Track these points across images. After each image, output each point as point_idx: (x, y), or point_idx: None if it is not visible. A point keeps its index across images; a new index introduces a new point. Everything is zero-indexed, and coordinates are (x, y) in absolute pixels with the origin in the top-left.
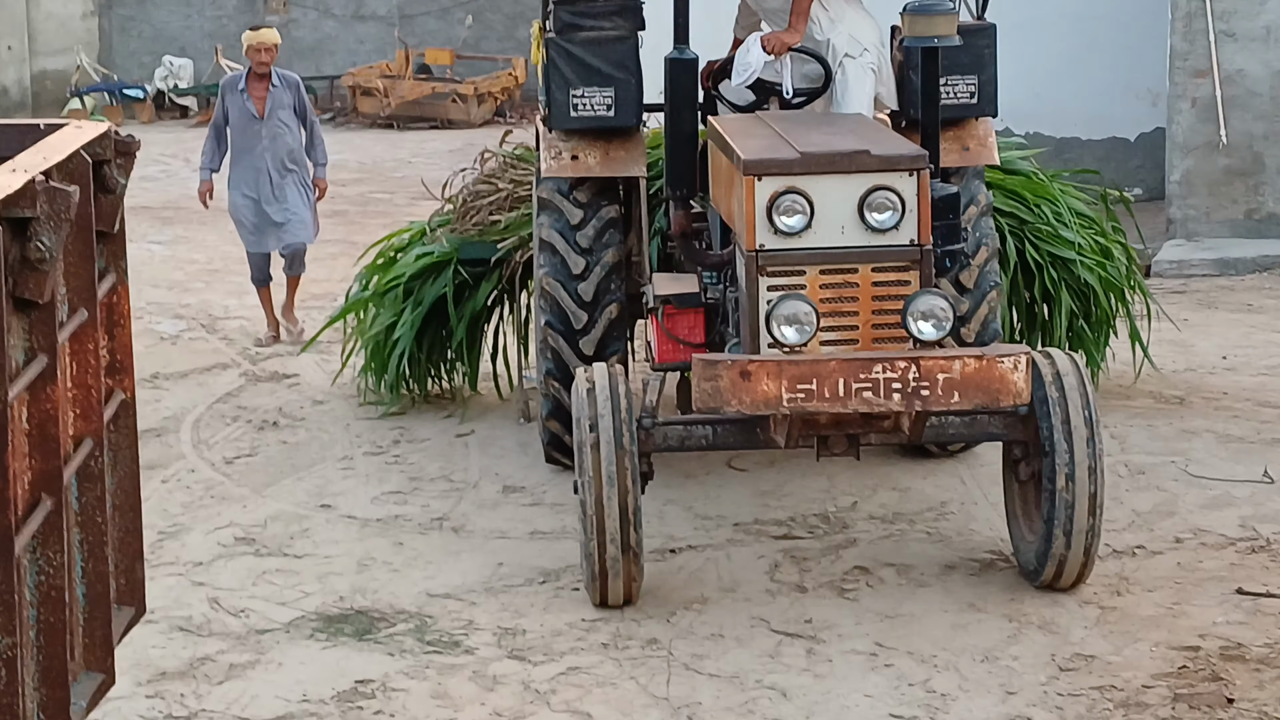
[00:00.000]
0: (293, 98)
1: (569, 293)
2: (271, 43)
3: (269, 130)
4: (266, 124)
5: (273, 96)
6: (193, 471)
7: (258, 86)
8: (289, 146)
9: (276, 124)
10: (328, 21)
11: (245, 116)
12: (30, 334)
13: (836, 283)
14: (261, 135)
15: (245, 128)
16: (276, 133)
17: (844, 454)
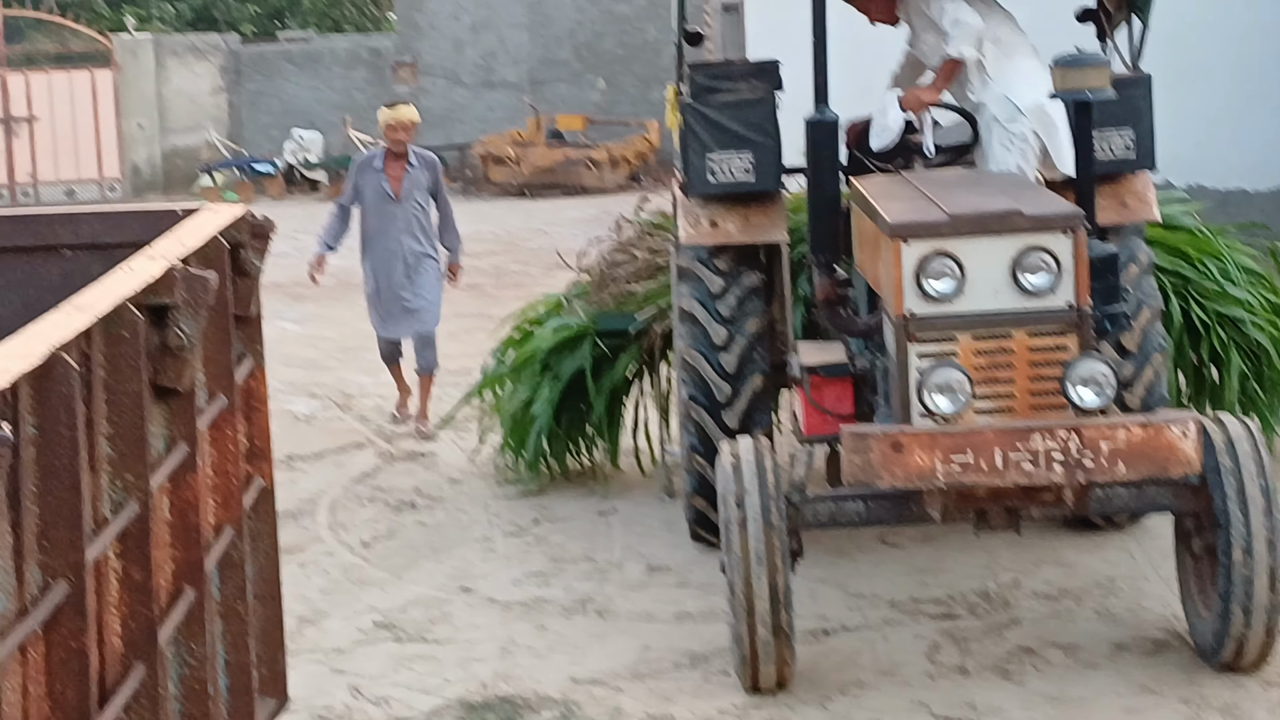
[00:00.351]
0: (429, 178)
1: (711, 364)
2: (409, 121)
3: (404, 212)
4: (402, 205)
5: (409, 177)
6: (330, 555)
7: (394, 166)
8: (424, 229)
9: (413, 205)
10: (458, 90)
11: (380, 197)
12: (170, 423)
13: (990, 349)
14: (397, 217)
15: (380, 209)
16: (412, 215)
17: (1004, 528)
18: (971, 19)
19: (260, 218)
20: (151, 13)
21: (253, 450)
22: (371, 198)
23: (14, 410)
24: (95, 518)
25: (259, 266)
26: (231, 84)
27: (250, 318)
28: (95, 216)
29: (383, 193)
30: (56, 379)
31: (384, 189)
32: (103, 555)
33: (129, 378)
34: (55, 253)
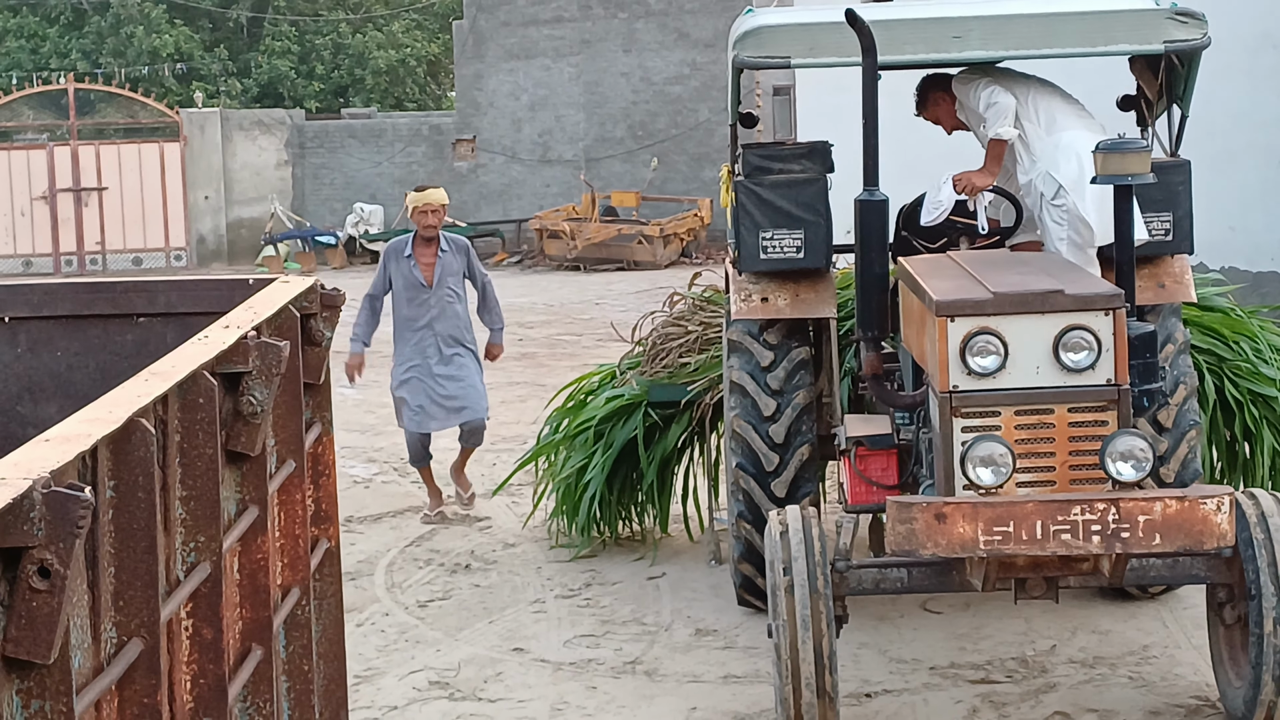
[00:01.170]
0: (462, 263)
1: (760, 434)
2: (439, 204)
3: (438, 299)
4: (435, 293)
5: (441, 263)
6: (387, 615)
7: (425, 252)
8: (458, 316)
9: (446, 293)
10: (515, 166)
11: (412, 285)
12: (242, 486)
13: (1032, 423)
14: (430, 305)
15: (412, 297)
16: (446, 302)
17: (1042, 596)
18: (1004, 99)
19: (330, 288)
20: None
21: (319, 513)
22: (403, 287)
23: (93, 473)
24: (169, 578)
25: (329, 336)
26: (296, 158)
27: (319, 385)
28: (169, 285)
29: (415, 281)
30: (134, 443)
31: (415, 277)
32: (176, 615)
33: (203, 442)
34: (130, 320)
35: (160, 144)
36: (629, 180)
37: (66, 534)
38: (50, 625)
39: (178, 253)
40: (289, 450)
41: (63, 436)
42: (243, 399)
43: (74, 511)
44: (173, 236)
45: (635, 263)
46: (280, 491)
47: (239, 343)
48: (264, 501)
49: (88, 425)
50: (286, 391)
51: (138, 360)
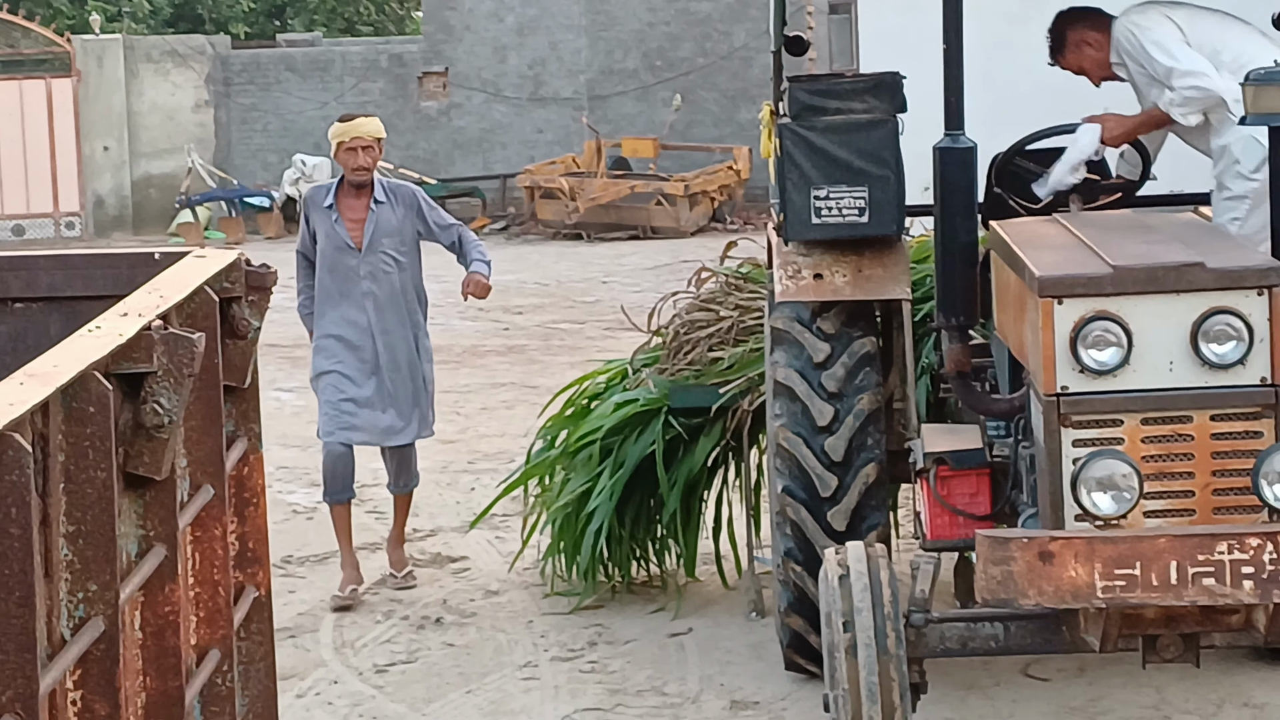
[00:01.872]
0: (408, 219)
1: (813, 450)
2: (371, 137)
3: (370, 268)
4: (366, 259)
5: (375, 218)
6: (335, 683)
7: (353, 204)
8: (399, 292)
9: (382, 259)
10: (498, 106)
11: (335, 246)
12: (145, 519)
13: (1164, 435)
14: (359, 275)
15: (336, 263)
16: (381, 272)
17: (1178, 659)
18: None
19: (258, 265)
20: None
21: (245, 554)
22: (326, 247)
23: None
24: (51, 638)
25: (256, 326)
26: (219, 97)
27: (245, 390)
28: (53, 261)
29: (338, 241)
30: (6, 465)
31: (339, 236)
32: (59, 684)
33: (96, 463)
34: (3, 306)
35: (47, 80)
36: (644, 124)
37: None
38: None
39: (69, 219)
40: (205, 473)
41: None
42: (146, 407)
43: None
44: (63, 199)
45: (653, 229)
46: (195, 526)
47: (141, 335)
48: (173, 539)
49: None
50: (202, 397)
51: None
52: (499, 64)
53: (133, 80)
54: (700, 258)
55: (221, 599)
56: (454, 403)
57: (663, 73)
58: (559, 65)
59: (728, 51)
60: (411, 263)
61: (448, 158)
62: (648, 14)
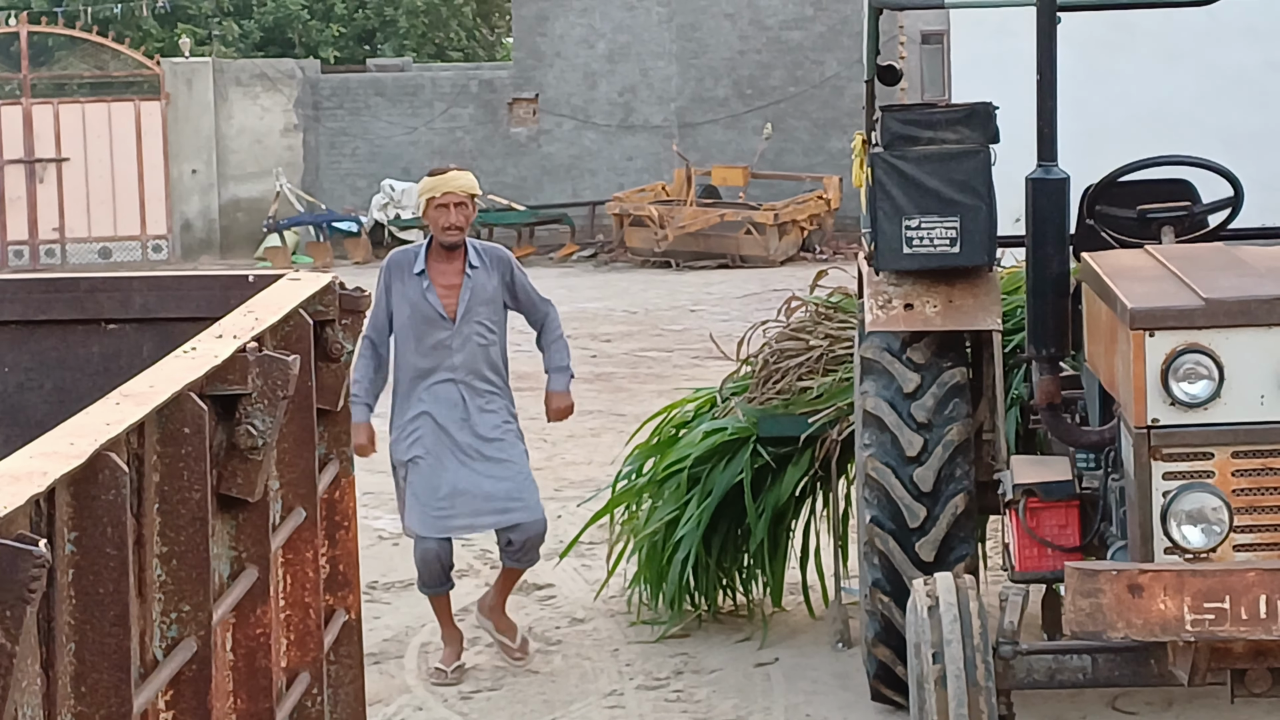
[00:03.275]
0: (500, 285)
1: (902, 480)
2: (465, 193)
3: (463, 341)
4: (460, 330)
5: (470, 285)
6: (421, 709)
7: (445, 269)
8: (494, 365)
9: (476, 331)
10: (588, 133)
11: (425, 318)
12: (238, 541)
13: (1255, 469)
14: (451, 349)
15: (424, 336)
16: (476, 344)
17: (1267, 694)
18: None
19: (352, 288)
20: (211, 32)
21: (336, 577)
22: (410, 320)
23: (49, 522)
24: (144, 658)
25: (349, 349)
26: (308, 121)
27: (337, 413)
28: (146, 282)
29: (429, 313)
30: (102, 484)
31: (430, 306)
32: (152, 705)
33: (190, 484)
34: (97, 327)
35: (136, 103)
36: (734, 152)
37: (14, 600)
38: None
39: (156, 242)
40: (298, 496)
41: (10, 475)
42: (240, 429)
43: (24, 572)
44: (150, 221)
45: (742, 258)
46: (286, 548)
47: (236, 356)
48: (265, 561)
49: (42, 461)
50: (295, 420)
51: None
52: (589, 90)
53: (221, 104)
54: (789, 287)
55: (312, 622)
56: (541, 430)
57: (753, 101)
58: (649, 92)
59: (819, 80)
60: (502, 334)
61: (536, 184)
62: (739, 42)
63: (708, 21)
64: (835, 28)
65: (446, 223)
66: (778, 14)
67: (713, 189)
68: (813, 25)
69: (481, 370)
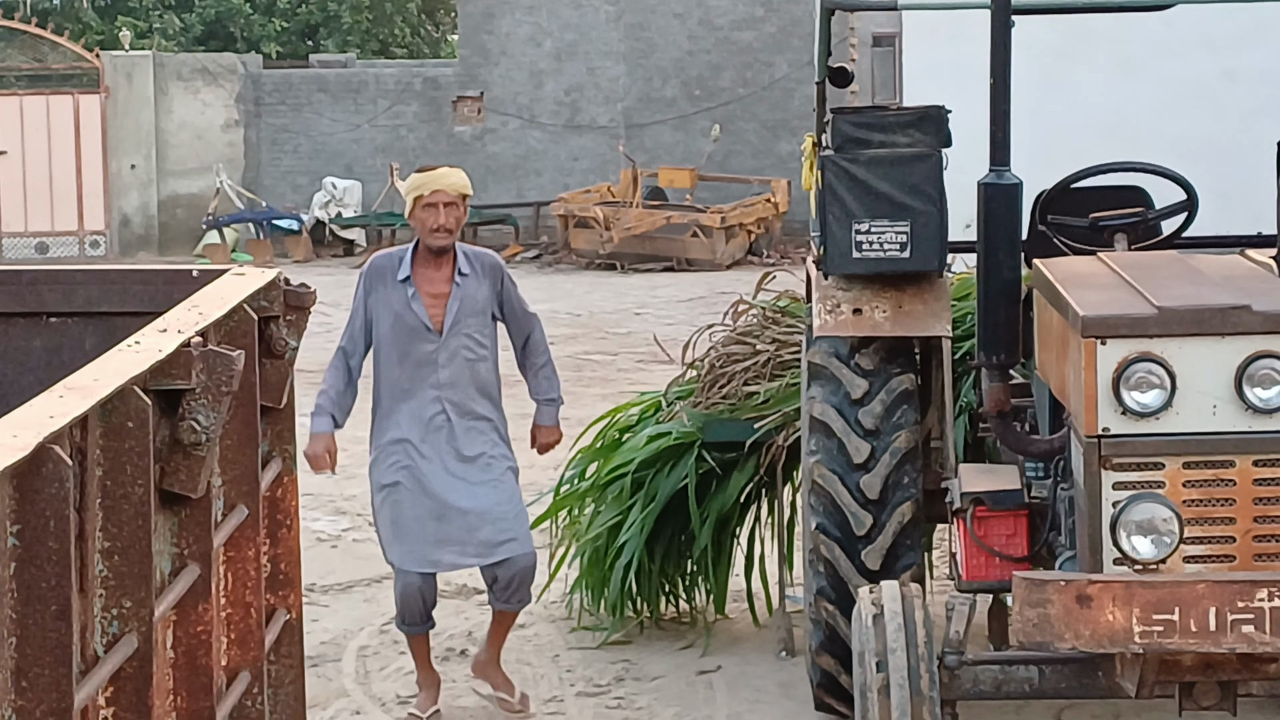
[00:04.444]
0: (491, 294)
1: (848, 488)
2: (457, 192)
3: (450, 355)
4: (447, 344)
5: (460, 293)
6: (359, 714)
7: (433, 275)
8: (484, 383)
9: (465, 345)
10: (533, 132)
11: (409, 330)
12: (179, 537)
13: (1206, 479)
14: (437, 364)
15: (408, 351)
16: (464, 360)
17: (1215, 707)
18: None
19: (299, 285)
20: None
21: (278, 576)
22: (393, 332)
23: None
24: (85, 654)
25: (294, 346)
26: (249, 117)
27: (281, 410)
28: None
29: (413, 323)
30: (45, 477)
31: (415, 316)
32: (92, 701)
33: (133, 479)
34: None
35: (75, 96)
36: (682, 154)
37: None
38: None
39: (94, 238)
40: (240, 493)
41: None
42: (183, 424)
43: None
44: (89, 217)
45: (688, 261)
46: (228, 546)
47: (180, 351)
48: (208, 558)
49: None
50: (239, 416)
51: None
52: (535, 89)
53: (162, 98)
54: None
55: (253, 620)
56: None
57: (702, 102)
58: (596, 92)
59: (768, 82)
60: (493, 348)
61: (481, 184)
62: (688, 42)
63: (656, 21)
64: (786, 29)
65: (435, 224)
66: (727, 14)
67: (659, 191)
68: (763, 26)
69: (469, 389)
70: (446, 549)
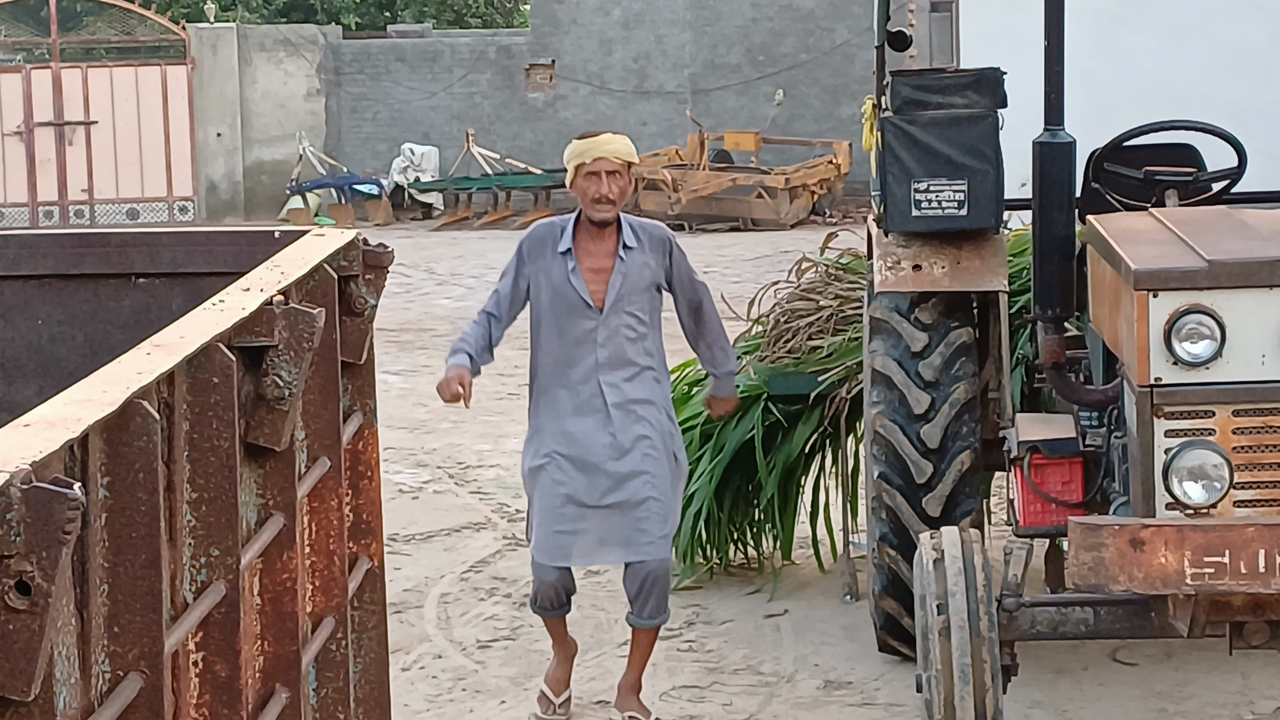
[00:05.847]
0: (658, 268)
1: (909, 437)
2: (620, 159)
3: (609, 333)
4: (607, 321)
5: (624, 268)
6: (439, 658)
7: (595, 249)
8: (646, 364)
9: (625, 323)
10: (603, 98)
11: (567, 305)
12: (264, 488)
13: (1255, 426)
14: (596, 342)
15: (567, 327)
16: (624, 339)
17: (1265, 646)
18: None
19: (377, 245)
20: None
21: (360, 525)
22: (551, 307)
23: (83, 467)
24: (175, 600)
25: (373, 304)
26: (330, 86)
27: (360, 366)
28: (176, 238)
29: (573, 299)
30: (134, 431)
31: (574, 291)
32: (182, 645)
33: (218, 432)
34: (127, 281)
35: (162, 67)
36: (746, 118)
37: (51, 541)
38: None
39: (182, 203)
40: (323, 445)
41: (45, 421)
42: (266, 380)
43: (60, 514)
44: (177, 183)
45: (754, 221)
46: (312, 496)
47: (263, 309)
48: (292, 508)
49: (76, 408)
50: (321, 372)
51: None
52: (605, 57)
53: (246, 68)
54: (799, 249)
55: (336, 568)
56: None
57: (765, 68)
58: (664, 59)
59: (829, 47)
60: (655, 324)
61: (553, 149)
62: (751, 9)
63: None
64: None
65: (598, 194)
66: None
67: (725, 154)
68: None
69: (630, 368)
70: (582, 543)
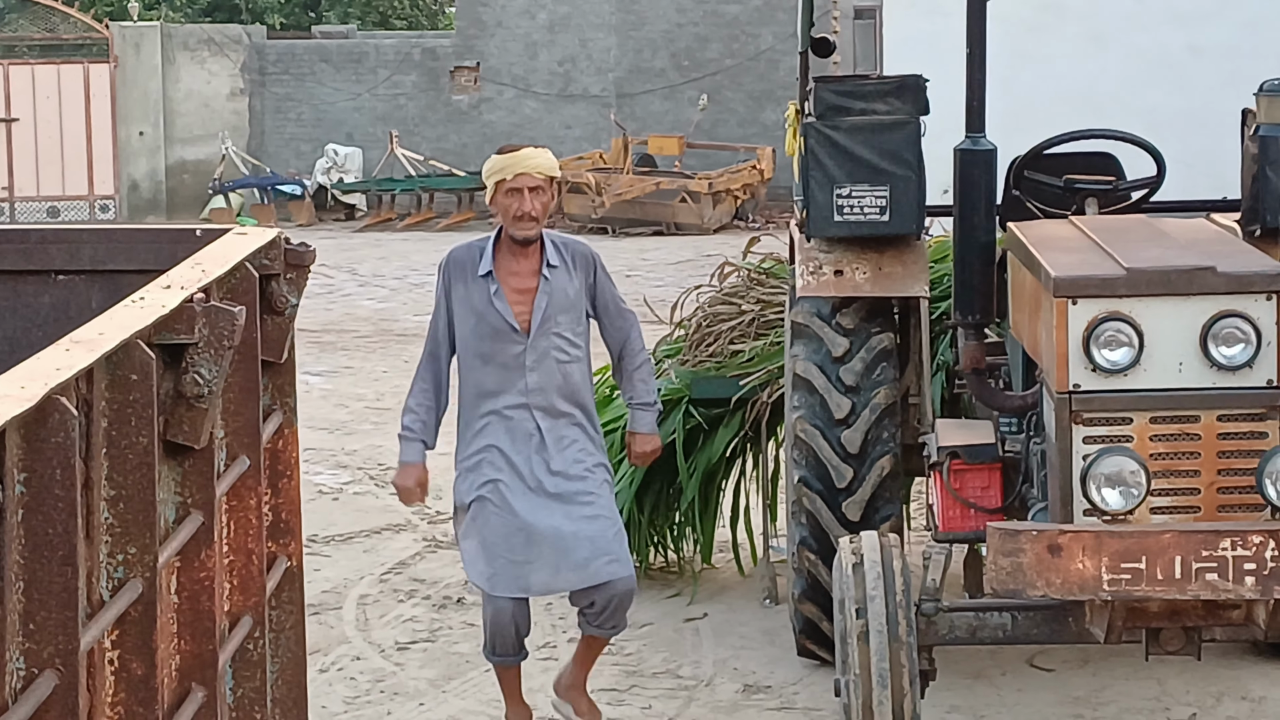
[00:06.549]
0: (583, 288)
1: (830, 442)
2: (543, 174)
3: (538, 356)
4: (535, 344)
5: (549, 288)
6: (358, 659)
7: (517, 269)
8: (574, 387)
9: (554, 345)
10: (528, 101)
11: (490, 330)
12: (183, 486)
13: (1172, 434)
14: (525, 366)
15: (489, 350)
16: (555, 361)
17: (1180, 652)
18: None
19: (299, 244)
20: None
21: (279, 524)
22: (475, 333)
23: (0, 463)
24: (91, 598)
25: (294, 303)
26: (254, 86)
27: (281, 365)
28: (96, 235)
29: (497, 323)
30: (51, 427)
31: (498, 315)
32: (98, 643)
33: (137, 430)
34: (47, 278)
35: (85, 65)
36: (671, 122)
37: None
38: None
39: (104, 202)
40: (242, 444)
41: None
42: (186, 377)
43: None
44: (98, 182)
45: (677, 225)
46: (230, 495)
47: (183, 307)
48: (210, 506)
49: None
50: (241, 370)
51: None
52: (530, 60)
53: (169, 67)
54: (722, 253)
55: (255, 567)
56: None
57: (690, 72)
58: (589, 63)
59: (754, 53)
60: (585, 348)
61: (478, 151)
62: (677, 14)
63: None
64: (771, 2)
65: (520, 210)
66: None
67: (649, 158)
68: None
69: (559, 394)
70: (538, 570)
